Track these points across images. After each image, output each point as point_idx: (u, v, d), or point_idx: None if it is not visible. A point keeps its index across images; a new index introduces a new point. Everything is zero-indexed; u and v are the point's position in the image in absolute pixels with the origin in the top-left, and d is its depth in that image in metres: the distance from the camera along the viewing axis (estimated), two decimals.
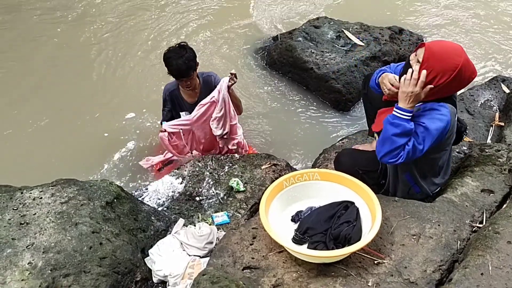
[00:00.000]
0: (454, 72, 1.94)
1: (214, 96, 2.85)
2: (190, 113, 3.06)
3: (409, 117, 1.97)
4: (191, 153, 3.07)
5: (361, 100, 3.07)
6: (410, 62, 2.05)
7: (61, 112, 3.84)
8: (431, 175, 2.27)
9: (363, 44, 4.10)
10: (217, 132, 2.94)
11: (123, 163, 3.37)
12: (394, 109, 2.00)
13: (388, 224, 2.07)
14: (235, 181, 2.70)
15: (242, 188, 2.68)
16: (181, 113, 3.05)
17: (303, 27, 4.31)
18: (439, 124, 1.98)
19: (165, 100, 3.05)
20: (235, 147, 3.12)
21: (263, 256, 2.00)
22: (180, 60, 2.70)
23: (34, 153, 3.47)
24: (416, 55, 2.02)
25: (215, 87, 2.94)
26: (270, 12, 5.06)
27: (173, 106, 3.06)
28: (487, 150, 2.57)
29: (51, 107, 3.90)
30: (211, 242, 2.26)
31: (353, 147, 2.78)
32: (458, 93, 3.77)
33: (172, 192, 2.74)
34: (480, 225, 2.05)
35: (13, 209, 2.07)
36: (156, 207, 2.64)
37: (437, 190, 2.40)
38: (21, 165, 3.35)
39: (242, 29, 4.81)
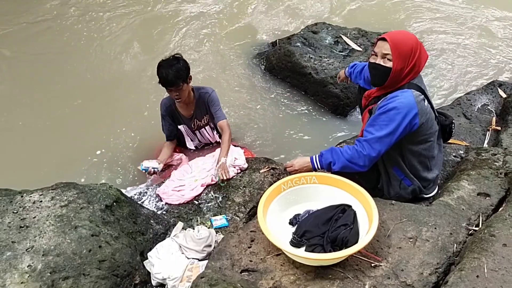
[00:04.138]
0: (418, 47, 2.11)
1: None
2: (188, 126, 3.11)
3: (320, 160, 2.33)
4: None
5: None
6: (372, 61, 2.18)
7: (62, 116, 3.86)
8: (422, 168, 2.31)
9: (361, 49, 4.13)
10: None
11: (123, 166, 3.39)
12: (318, 162, 2.34)
13: (385, 227, 2.08)
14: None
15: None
16: (180, 126, 3.07)
17: (302, 32, 4.34)
18: (401, 108, 2.08)
19: (163, 115, 3.06)
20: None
21: (261, 259, 2.01)
22: (169, 69, 2.72)
23: (34, 157, 3.48)
24: (376, 51, 2.15)
25: (208, 104, 3.01)
26: (269, 18, 5.10)
27: (171, 119, 3.08)
28: (483, 154, 2.59)
29: (51, 111, 3.92)
30: (210, 245, 2.27)
31: None
32: (456, 97, 3.84)
33: None
34: (476, 228, 2.07)
35: (13, 212, 2.09)
36: (155, 210, 2.66)
37: (432, 190, 2.44)
38: (21, 169, 3.37)
39: (240, 35, 4.84)
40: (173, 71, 2.72)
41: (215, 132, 3.23)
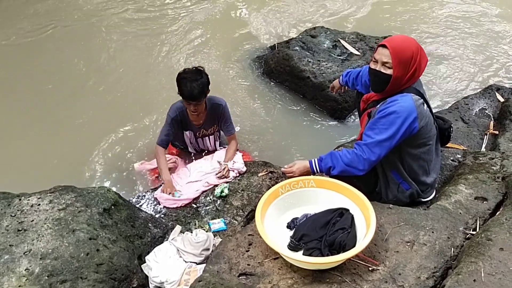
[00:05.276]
0: (418, 52, 2.11)
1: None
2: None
3: (319, 164, 2.34)
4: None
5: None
6: (373, 67, 2.18)
7: (60, 120, 3.86)
8: (420, 172, 2.32)
9: (359, 53, 4.15)
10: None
11: (121, 170, 3.39)
12: (318, 167, 2.37)
13: (383, 231, 2.09)
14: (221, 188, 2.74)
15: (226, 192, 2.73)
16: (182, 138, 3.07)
17: (300, 36, 4.36)
18: (401, 112, 2.09)
19: (172, 119, 2.91)
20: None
21: (259, 262, 2.02)
22: (194, 83, 2.68)
23: (32, 160, 3.48)
24: (377, 58, 2.15)
25: (221, 117, 2.99)
26: (267, 22, 5.11)
27: (179, 124, 3.00)
28: (481, 158, 2.60)
29: (50, 114, 3.91)
30: (208, 249, 2.27)
31: None
32: (453, 101, 3.85)
33: None
34: (474, 232, 2.07)
35: (11, 215, 2.08)
36: (153, 214, 2.66)
37: (430, 194, 2.44)
38: (20, 172, 3.36)
39: (239, 39, 4.85)
40: (198, 87, 2.68)
41: (217, 143, 3.23)
